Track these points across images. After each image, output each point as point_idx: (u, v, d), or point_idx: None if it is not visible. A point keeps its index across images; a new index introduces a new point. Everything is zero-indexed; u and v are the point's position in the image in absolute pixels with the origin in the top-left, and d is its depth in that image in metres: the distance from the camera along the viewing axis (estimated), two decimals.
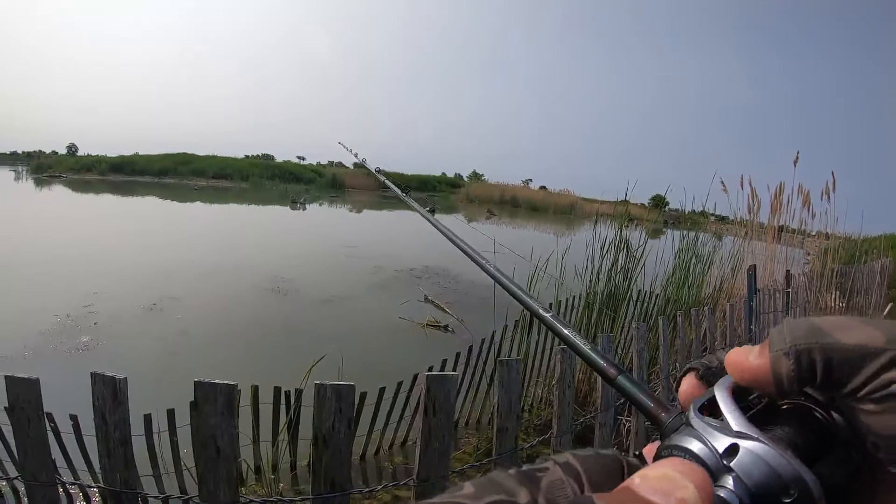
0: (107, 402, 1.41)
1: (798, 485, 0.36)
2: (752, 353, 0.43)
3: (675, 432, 0.43)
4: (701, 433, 0.40)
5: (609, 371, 0.58)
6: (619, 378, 0.56)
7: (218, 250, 15.01)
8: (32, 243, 13.86)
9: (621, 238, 6.57)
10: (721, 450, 0.38)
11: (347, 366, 5.50)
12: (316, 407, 1.45)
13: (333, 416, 1.43)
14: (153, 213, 26.50)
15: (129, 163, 53.89)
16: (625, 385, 0.55)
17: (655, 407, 0.50)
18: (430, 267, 13.94)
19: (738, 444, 0.38)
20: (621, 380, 0.56)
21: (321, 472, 1.46)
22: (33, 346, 6.84)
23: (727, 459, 0.38)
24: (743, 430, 0.39)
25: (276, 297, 10.11)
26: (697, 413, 0.42)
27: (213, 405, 1.34)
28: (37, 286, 9.65)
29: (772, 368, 0.41)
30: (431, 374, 1.55)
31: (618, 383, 0.56)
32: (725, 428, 0.40)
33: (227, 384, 1.36)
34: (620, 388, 0.56)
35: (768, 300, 4.35)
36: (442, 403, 1.56)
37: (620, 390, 0.56)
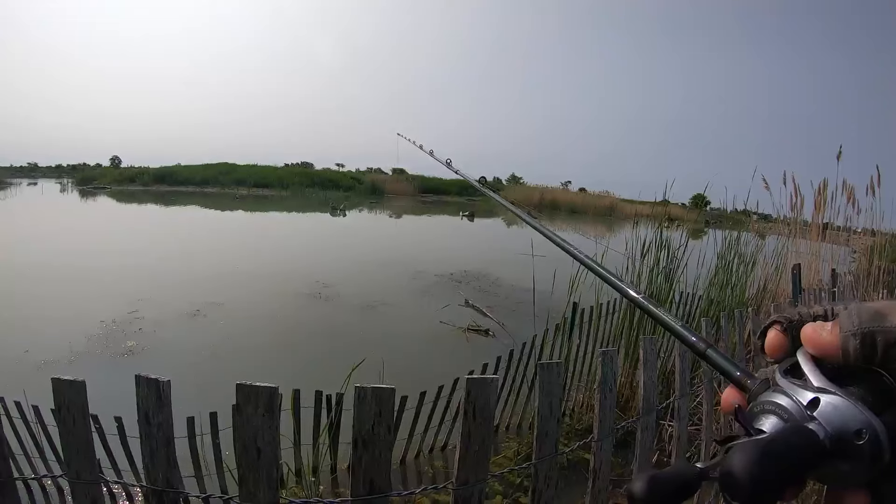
0: (150, 404, 1.44)
1: (869, 430, 0.44)
2: (825, 330, 0.50)
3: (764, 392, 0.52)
4: (787, 390, 0.49)
5: (699, 345, 0.63)
6: (708, 351, 0.62)
7: (259, 257, 15.20)
8: (79, 252, 14.18)
9: (661, 239, 6.49)
10: (805, 402, 0.47)
11: (388, 370, 5.51)
12: (356, 410, 1.45)
13: (373, 420, 1.43)
14: (196, 221, 26.90)
15: (171, 173, 54.72)
16: (714, 357, 0.61)
17: (742, 376, 0.57)
18: (470, 271, 13.91)
19: (819, 398, 0.47)
20: (710, 352, 0.62)
21: (361, 474, 1.46)
22: (80, 350, 6.99)
23: (810, 410, 0.46)
24: (822, 386, 0.48)
25: (318, 303, 10.19)
26: (783, 374, 0.51)
27: (254, 407, 1.36)
28: (84, 293, 9.88)
29: (841, 346, 0.48)
30: (472, 378, 1.54)
31: (707, 356, 0.62)
32: (808, 385, 0.49)
33: (269, 386, 1.37)
34: (710, 360, 0.62)
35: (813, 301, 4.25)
36: (482, 407, 1.56)
37: (710, 362, 0.62)
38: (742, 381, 0.56)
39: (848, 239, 13.15)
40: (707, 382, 2.72)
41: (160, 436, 1.46)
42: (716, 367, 0.61)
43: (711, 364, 0.62)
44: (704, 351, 0.62)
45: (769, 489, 0.43)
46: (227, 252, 15.89)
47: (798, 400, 0.48)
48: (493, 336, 8.47)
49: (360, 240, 21.91)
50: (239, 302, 9.89)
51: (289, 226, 27.86)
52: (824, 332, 0.50)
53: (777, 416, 0.49)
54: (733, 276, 7.45)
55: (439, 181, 66.29)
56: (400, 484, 4.55)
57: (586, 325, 5.82)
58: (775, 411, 0.49)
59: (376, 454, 1.44)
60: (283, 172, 60.71)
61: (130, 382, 1.54)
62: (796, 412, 0.47)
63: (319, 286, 11.28)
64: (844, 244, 12.53)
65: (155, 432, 1.46)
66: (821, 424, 0.45)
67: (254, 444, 1.37)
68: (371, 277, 13.00)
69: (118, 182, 53.03)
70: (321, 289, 11.10)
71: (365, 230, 27.56)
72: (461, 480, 1.55)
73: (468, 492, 1.55)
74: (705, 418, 2.76)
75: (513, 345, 5.59)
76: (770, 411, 0.49)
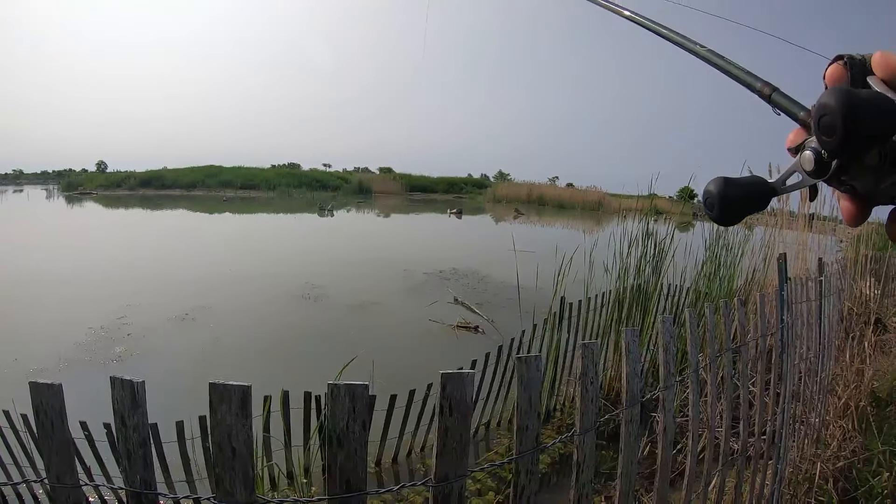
0: (125, 406, 1.44)
1: None
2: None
3: None
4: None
5: (764, 89, 0.65)
6: (773, 94, 0.63)
7: (248, 259, 15.17)
8: (66, 258, 14.09)
9: (648, 231, 6.52)
10: None
11: (379, 370, 5.51)
12: (329, 407, 1.44)
13: (347, 417, 1.43)
14: (183, 225, 26.80)
15: (157, 177, 54.45)
16: (779, 100, 0.62)
17: (805, 115, 0.58)
18: (459, 269, 13.93)
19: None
20: (776, 96, 0.63)
21: (336, 472, 1.46)
22: (69, 357, 6.97)
23: None
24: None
25: (307, 304, 10.18)
26: None
27: (227, 406, 1.35)
28: (72, 300, 9.82)
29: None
30: (447, 373, 1.53)
31: (773, 99, 0.63)
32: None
33: (241, 385, 1.36)
34: (776, 103, 0.63)
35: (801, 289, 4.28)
36: (458, 403, 1.55)
37: (776, 104, 0.63)
38: (806, 120, 0.58)
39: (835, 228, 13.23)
40: (693, 373, 2.72)
41: (136, 437, 1.46)
42: (782, 109, 0.62)
43: (777, 106, 0.63)
44: (770, 94, 0.64)
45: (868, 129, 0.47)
46: (214, 255, 15.84)
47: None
48: (482, 333, 8.50)
49: (348, 240, 21.86)
50: (228, 305, 9.88)
51: (276, 227, 27.77)
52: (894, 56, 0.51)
53: None
54: (721, 266, 7.47)
55: (427, 179, 66.32)
56: (394, 482, 4.56)
57: (574, 319, 5.84)
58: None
59: (351, 451, 1.44)
60: (270, 173, 60.43)
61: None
62: None
63: (308, 287, 11.26)
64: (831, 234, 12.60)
65: (131, 434, 1.45)
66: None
67: (228, 444, 1.37)
68: (360, 277, 12.98)
69: (104, 187, 52.78)
70: (310, 290, 11.09)
71: (353, 230, 27.52)
72: (440, 477, 1.54)
73: (448, 488, 1.54)
74: (691, 409, 2.76)
75: (502, 341, 5.61)
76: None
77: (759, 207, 0.61)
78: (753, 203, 0.61)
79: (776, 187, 0.60)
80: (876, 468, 3.92)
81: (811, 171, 0.55)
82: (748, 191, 0.61)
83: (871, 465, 3.98)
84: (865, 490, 3.79)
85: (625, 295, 6.36)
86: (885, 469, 3.83)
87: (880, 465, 3.92)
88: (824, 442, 4.23)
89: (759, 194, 0.61)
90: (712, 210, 0.61)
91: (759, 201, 0.61)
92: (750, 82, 0.67)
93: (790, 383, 3.48)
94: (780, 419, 3.44)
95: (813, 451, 4.06)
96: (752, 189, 0.61)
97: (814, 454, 4.02)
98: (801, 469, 3.89)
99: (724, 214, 0.61)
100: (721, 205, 0.60)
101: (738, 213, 0.61)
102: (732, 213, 0.61)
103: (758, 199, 0.61)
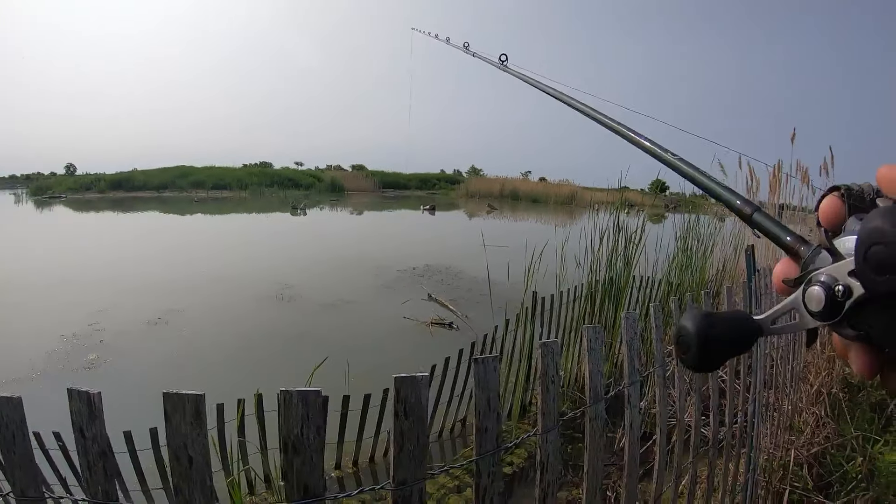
0: (83, 417, 1.42)
1: None
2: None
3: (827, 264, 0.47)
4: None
5: (745, 209, 0.60)
6: (755, 215, 0.58)
7: (220, 261, 15.06)
8: (37, 265, 13.86)
9: (618, 224, 6.56)
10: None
11: (353, 369, 5.52)
12: (282, 414, 1.44)
13: (301, 423, 1.43)
14: (154, 227, 26.51)
15: (127, 179, 53.74)
16: (762, 221, 0.57)
17: (794, 241, 0.53)
18: (432, 265, 13.93)
19: None
20: (757, 216, 0.58)
21: (293, 478, 1.46)
22: (41, 367, 6.88)
23: None
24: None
25: (280, 305, 10.13)
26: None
27: (181, 415, 1.35)
28: (42, 307, 9.71)
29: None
30: (400, 377, 1.53)
31: (755, 220, 0.58)
32: None
33: (195, 394, 1.36)
34: (757, 224, 0.58)
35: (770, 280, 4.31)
36: (413, 406, 1.55)
37: (758, 227, 0.58)
38: (793, 246, 0.53)
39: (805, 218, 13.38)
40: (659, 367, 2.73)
41: (96, 449, 1.45)
42: (764, 231, 0.57)
43: (759, 229, 0.58)
44: (751, 214, 0.59)
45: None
46: (186, 257, 15.67)
47: None
48: (456, 329, 8.52)
49: (321, 238, 21.78)
50: (200, 308, 9.80)
51: (249, 227, 27.58)
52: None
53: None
54: (693, 257, 7.53)
55: (399, 176, 66.20)
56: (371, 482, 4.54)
57: (547, 314, 5.86)
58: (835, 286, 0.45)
59: (307, 458, 1.44)
60: (242, 173, 59.88)
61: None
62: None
63: (281, 287, 11.21)
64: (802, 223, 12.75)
65: (90, 445, 1.44)
66: None
67: (185, 453, 1.37)
68: (333, 276, 12.95)
69: (74, 190, 51.95)
70: (283, 290, 11.04)
71: (326, 228, 27.43)
72: (398, 481, 1.55)
73: (407, 491, 1.55)
74: (659, 403, 2.78)
75: (476, 336, 5.61)
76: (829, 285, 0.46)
77: (741, 350, 0.53)
78: (736, 346, 0.53)
79: (763, 326, 0.53)
80: (849, 453, 3.97)
81: (819, 311, 0.47)
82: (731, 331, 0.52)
83: (844, 451, 4.04)
84: (840, 475, 3.84)
85: (597, 288, 6.39)
86: (859, 454, 3.88)
87: (853, 449, 3.97)
88: (798, 428, 4.28)
89: (742, 335, 0.53)
90: (686, 353, 0.52)
91: (742, 343, 0.53)
92: (727, 199, 0.63)
93: (761, 373, 3.50)
94: (752, 408, 3.47)
95: (786, 437, 4.10)
96: (735, 328, 0.53)
97: (787, 441, 4.06)
98: (775, 456, 3.93)
99: (701, 360, 0.52)
100: (699, 348, 0.51)
101: (717, 359, 0.52)
102: (711, 359, 0.52)
103: (741, 341, 0.53)
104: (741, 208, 0.60)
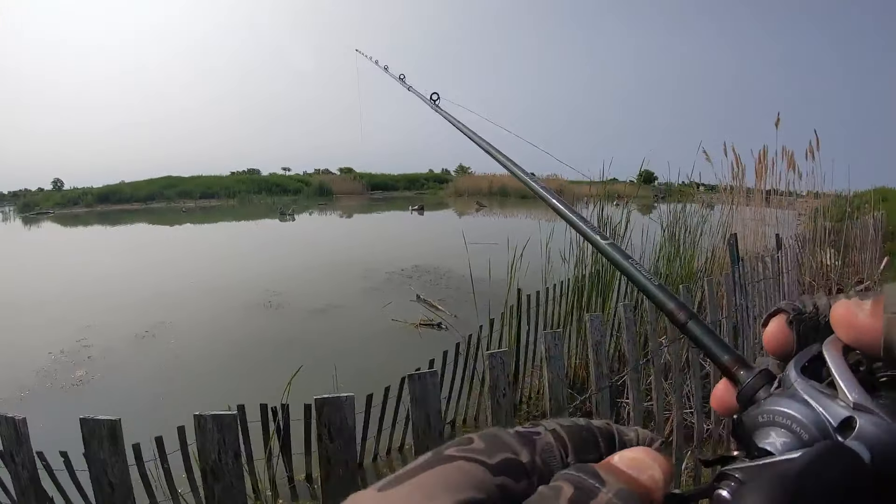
0: (12, 442, 1.39)
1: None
2: (863, 309, 0.38)
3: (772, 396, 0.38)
4: (809, 400, 0.36)
5: (679, 315, 0.50)
6: (689, 323, 0.48)
7: (208, 270, 15.02)
8: (25, 282, 13.89)
9: (602, 216, 6.53)
10: (836, 423, 0.34)
11: (341, 373, 5.47)
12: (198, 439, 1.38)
13: (217, 448, 1.38)
14: (142, 239, 26.44)
15: (115, 192, 53.63)
16: (695, 332, 0.48)
17: (731, 360, 0.43)
18: (421, 265, 13.90)
19: (854, 418, 0.33)
20: (692, 325, 0.48)
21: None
22: (29, 386, 6.87)
23: (842, 434, 0.33)
24: (861, 403, 0.33)
25: (268, 312, 10.11)
26: (801, 375, 0.37)
27: (98, 441, 1.31)
28: (31, 325, 9.70)
29: (884, 332, 0.36)
30: (321, 398, 1.47)
31: (689, 329, 0.48)
32: (839, 397, 0.35)
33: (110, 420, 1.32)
34: (691, 334, 0.48)
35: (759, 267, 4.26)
36: (339, 429, 1.49)
37: (691, 337, 0.49)
38: (731, 367, 0.43)
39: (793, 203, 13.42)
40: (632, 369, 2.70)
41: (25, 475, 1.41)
42: (698, 344, 0.48)
43: (692, 340, 0.48)
44: (685, 323, 0.48)
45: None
46: (174, 269, 15.60)
47: (825, 416, 0.34)
48: (445, 329, 8.47)
49: (310, 243, 21.71)
50: (188, 319, 9.76)
51: (236, 235, 27.49)
52: (861, 313, 0.38)
53: (791, 432, 0.35)
54: (681, 247, 7.49)
55: (388, 177, 66.32)
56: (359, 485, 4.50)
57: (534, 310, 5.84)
58: (789, 426, 0.36)
59: (227, 483, 1.39)
60: (230, 181, 59.80)
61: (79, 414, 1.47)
62: (820, 431, 0.34)
63: (269, 295, 11.17)
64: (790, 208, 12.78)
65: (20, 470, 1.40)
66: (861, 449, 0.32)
67: (105, 479, 1.32)
68: (321, 281, 12.89)
69: (61, 205, 51.79)
70: (271, 297, 11.00)
71: (314, 233, 27.39)
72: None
73: None
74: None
75: (465, 336, 5.58)
76: (781, 425, 0.36)
77: None
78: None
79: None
80: None
81: None
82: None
83: None
84: None
85: (584, 282, 6.35)
86: None
87: None
88: None
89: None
90: None
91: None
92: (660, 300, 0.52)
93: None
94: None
95: None
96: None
97: None
98: None
99: None
100: None
101: None
102: None
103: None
104: (674, 313, 0.50)
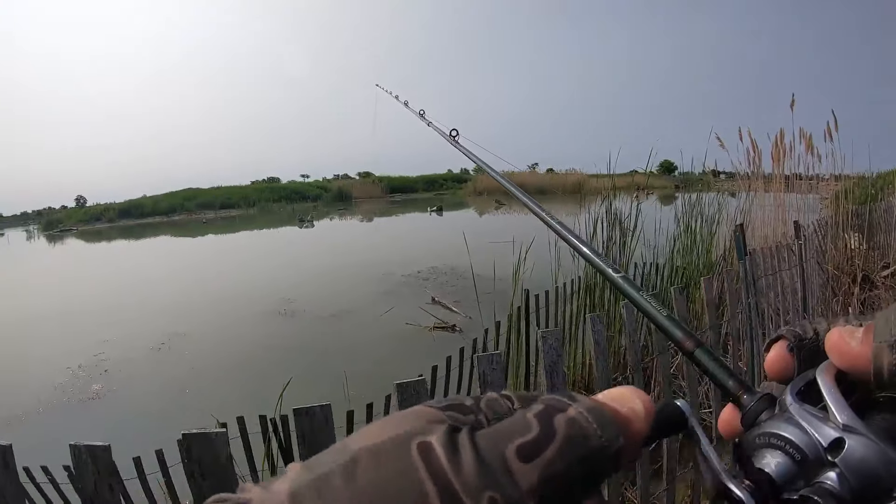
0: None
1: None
2: (855, 337, 0.40)
3: (770, 419, 0.40)
4: (802, 423, 0.38)
5: (686, 343, 0.51)
6: (696, 351, 0.49)
7: (224, 280, 15.19)
8: (47, 298, 14.13)
9: (612, 211, 6.41)
10: (826, 444, 0.36)
11: (352, 380, 5.42)
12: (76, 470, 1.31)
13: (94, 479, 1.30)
14: (162, 252, 26.78)
15: (136, 206, 54.27)
16: (703, 360, 0.49)
17: (736, 386, 0.45)
18: (438, 267, 13.82)
19: (843, 439, 0.36)
20: (699, 353, 0.49)
21: None
22: (47, 400, 6.96)
23: (832, 455, 0.36)
24: (850, 425, 0.36)
25: (282, 320, 10.16)
26: (796, 399, 0.40)
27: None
28: (50, 341, 9.85)
29: (873, 359, 0.38)
30: (190, 434, 1.39)
31: (696, 357, 0.49)
32: (830, 419, 0.37)
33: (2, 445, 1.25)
34: (698, 362, 0.49)
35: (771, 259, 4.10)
36: (210, 466, 1.40)
37: (698, 365, 0.50)
38: (736, 393, 0.45)
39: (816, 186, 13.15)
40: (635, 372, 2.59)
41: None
42: (705, 372, 0.48)
43: (700, 367, 0.49)
44: (693, 351, 0.50)
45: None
46: (191, 280, 15.82)
47: (816, 438, 0.37)
48: (459, 332, 8.41)
49: (327, 249, 21.80)
50: (203, 330, 9.84)
51: (255, 244, 27.67)
52: (853, 341, 0.40)
53: (785, 453, 0.38)
54: (697, 237, 7.33)
55: (407, 179, 66.55)
56: None
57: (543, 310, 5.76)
58: (783, 447, 0.38)
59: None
60: (249, 190, 60.33)
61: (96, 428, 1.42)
62: (811, 452, 0.36)
63: (284, 302, 11.20)
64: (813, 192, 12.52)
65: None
66: (843, 476, 0.35)
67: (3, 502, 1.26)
68: (337, 286, 12.92)
69: (84, 222, 52.51)
70: (286, 305, 11.02)
71: (332, 238, 27.57)
72: None
73: None
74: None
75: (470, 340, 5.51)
76: (776, 446, 0.38)
77: None
78: None
79: None
80: None
81: None
82: None
83: None
84: None
85: (595, 280, 6.23)
86: None
87: None
88: None
89: None
90: None
91: None
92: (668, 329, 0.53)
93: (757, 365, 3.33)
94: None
95: None
96: None
97: None
98: None
99: None
100: None
101: None
102: None
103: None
104: (682, 342, 0.51)
